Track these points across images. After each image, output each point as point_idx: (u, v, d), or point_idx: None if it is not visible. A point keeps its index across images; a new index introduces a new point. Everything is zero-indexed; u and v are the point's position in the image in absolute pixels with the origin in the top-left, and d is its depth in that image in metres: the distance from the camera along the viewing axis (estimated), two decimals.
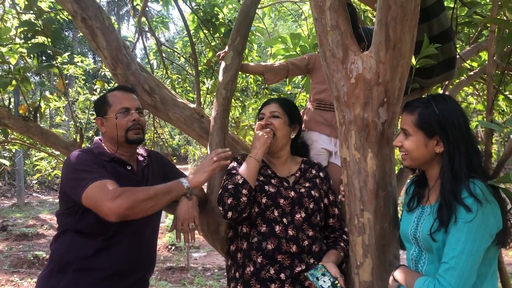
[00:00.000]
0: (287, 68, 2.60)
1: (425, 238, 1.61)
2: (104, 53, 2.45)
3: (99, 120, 2.08)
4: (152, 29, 4.69)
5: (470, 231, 1.47)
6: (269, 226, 2.05)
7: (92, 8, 2.41)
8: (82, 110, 5.97)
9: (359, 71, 1.77)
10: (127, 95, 2.11)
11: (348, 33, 1.81)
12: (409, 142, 1.66)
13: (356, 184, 1.86)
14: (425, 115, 1.61)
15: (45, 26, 2.29)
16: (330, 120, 2.47)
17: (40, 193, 15.55)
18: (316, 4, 1.82)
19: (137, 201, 1.78)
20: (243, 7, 2.53)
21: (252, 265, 2.04)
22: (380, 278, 1.86)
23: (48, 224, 10.21)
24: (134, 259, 1.95)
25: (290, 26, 16.64)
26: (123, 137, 2.03)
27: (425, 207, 1.69)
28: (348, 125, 1.84)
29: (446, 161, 1.57)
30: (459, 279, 1.46)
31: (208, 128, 2.54)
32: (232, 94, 2.46)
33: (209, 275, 6.76)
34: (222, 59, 2.50)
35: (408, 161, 1.71)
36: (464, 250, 1.46)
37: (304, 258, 2.04)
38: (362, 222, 1.86)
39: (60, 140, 2.44)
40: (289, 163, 2.26)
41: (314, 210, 2.11)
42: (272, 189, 2.10)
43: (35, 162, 4.90)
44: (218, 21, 3.66)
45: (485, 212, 1.47)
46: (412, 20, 1.69)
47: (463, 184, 1.51)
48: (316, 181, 2.21)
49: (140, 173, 2.09)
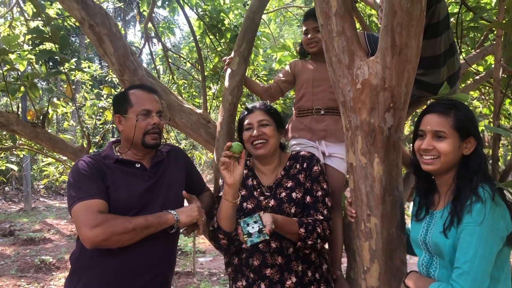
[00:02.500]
0: (280, 88, 2.61)
1: (435, 243, 1.61)
2: (111, 60, 2.47)
3: (117, 117, 2.05)
4: (158, 34, 4.73)
5: (481, 235, 1.46)
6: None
7: (99, 15, 2.43)
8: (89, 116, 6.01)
9: (365, 76, 1.77)
10: (150, 96, 2.07)
11: (354, 39, 1.81)
12: (445, 145, 1.62)
13: (362, 189, 1.86)
14: (460, 117, 1.61)
15: (53, 33, 2.31)
16: (308, 124, 2.45)
17: (47, 198, 15.62)
18: (322, 10, 1.83)
19: (114, 233, 1.79)
20: (248, 13, 2.55)
21: (245, 280, 2.05)
22: (387, 284, 1.86)
23: (55, 229, 10.25)
24: (148, 258, 1.94)
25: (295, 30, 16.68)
26: (140, 139, 2.01)
27: (434, 213, 1.68)
28: (354, 130, 1.84)
29: (477, 160, 1.60)
30: (473, 283, 1.45)
31: (214, 133, 2.55)
32: (238, 100, 2.47)
33: (215, 280, 6.76)
34: (228, 65, 2.51)
35: (438, 165, 1.65)
36: (477, 254, 1.46)
37: (293, 267, 2.01)
38: (369, 227, 1.86)
39: (68, 145, 2.46)
40: (278, 168, 2.19)
41: (296, 213, 2.05)
42: (250, 205, 2.07)
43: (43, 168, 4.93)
44: (224, 27, 3.68)
45: (495, 215, 1.47)
46: (418, 25, 1.69)
47: (478, 185, 1.53)
48: (299, 177, 2.13)
49: (153, 169, 2.07)
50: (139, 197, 1.97)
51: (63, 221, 11.26)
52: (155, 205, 1.99)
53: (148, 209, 1.97)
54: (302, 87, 2.50)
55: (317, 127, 2.42)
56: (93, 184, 1.89)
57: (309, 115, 2.45)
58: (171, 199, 2.05)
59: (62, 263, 7.45)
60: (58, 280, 6.61)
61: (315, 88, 2.45)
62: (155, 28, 4.71)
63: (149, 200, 1.99)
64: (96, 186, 1.89)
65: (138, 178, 2.01)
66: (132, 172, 2.02)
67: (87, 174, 1.92)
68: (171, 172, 2.12)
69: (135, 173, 2.03)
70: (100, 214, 1.81)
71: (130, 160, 2.05)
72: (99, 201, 1.85)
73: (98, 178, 1.92)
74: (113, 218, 1.83)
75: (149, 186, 2.01)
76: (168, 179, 2.08)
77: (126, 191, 1.94)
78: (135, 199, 1.95)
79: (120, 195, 1.93)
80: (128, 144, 2.06)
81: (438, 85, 2.29)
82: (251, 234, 1.80)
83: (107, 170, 1.97)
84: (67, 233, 9.94)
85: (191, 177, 2.24)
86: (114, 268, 1.92)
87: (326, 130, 2.40)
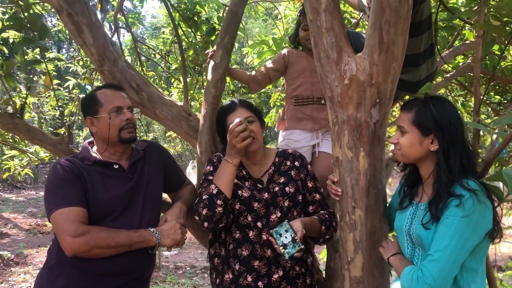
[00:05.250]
0: (268, 76, 2.63)
1: (418, 235, 1.67)
2: (90, 50, 2.41)
3: (88, 119, 2.04)
4: (129, 25, 4.63)
5: (458, 228, 1.53)
6: (243, 232, 2.04)
7: (78, 3, 2.36)
8: (53, 107, 5.82)
9: (353, 72, 1.82)
10: (118, 93, 2.08)
11: (342, 35, 1.86)
12: (404, 139, 1.72)
13: (348, 182, 1.91)
14: (422, 114, 1.68)
15: (32, 21, 2.23)
16: (310, 113, 2.50)
17: (3, 191, 15.04)
18: (312, 6, 1.86)
19: (96, 246, 1.80)
20: (231, 6, 2.54)
21: (231, 272, 2.04)
22: (370, 274, 1.92)
23: (12, 223, 9.91)
24: (129, 258, 1.94)
25: (260, 24, 16.68)
26: (116, 136, 2.00)
27: (420, 205, 1.75)
28: (341, 124, 1.89)
29: (441, 158, 1.63)
30: (440, 270, 1.53)
31: (195, 126, 2.54)
32: (221, 93, 2.47)
33: (181, 273, 6.75)
34: (211, 58, 2.50)
35: (400, 157, 1.77)
36: (449, 245, 1.53)
37: (282, 262, 2.03)
38: (354, 219, 1.91)
39: (47, 137, 2.38)
40: (263, 160, 2.20)
41: (289, 207, 2.09)
42: (245, 194, 2.07)
43: (4, 162, 4.74)
44: (200, 20, 3.65)
45: (476, 212, 1.53)
46: (405, 23, 1.75)
47: (457, 182, 1.58)
48: (291, 173, 2.17)
49: (131, 169, 2.06)
50: (120, 201, 1.96)
51: (21, 215, 10.90)
52: (136, 208, 2.00)
53: (128, 212, 1.98)
54: (299, 76, 2.52)
55: (319, 115, 2.47)
56: (71, 190, 1.87)
57: (309, 104, 2.48)
58: (149, 199, 2.05)
59: (21, 258, 7.22)
60: (18, 276, 6.40)
61: (313, 78, 2.48)
62: (126, 19, 4.61)
63: (129, 202, 1.99)
64: (75, 193, 1.87)
65: (117, 180, 2.00)
66: (111, 174, 2.01)
67: (65, 179, 1.89)
68: (149, 171, 2.11)
69: (114, 175, 2.01)
70: (81, 224, 1.80)
71: (108, 162, 2.03)
72: (78, 209, 1.83)
73: (76, 183, 1.90)
74: (96, 231, 1.82)
75: (129, 189, 2.00)
76: (146, 178, 2.08)
77: (106, 195, 1.93)
78: (115, 202, 1.95)
79: (100, 199, 1.91)
80: (104, 144, 2.04)
81: (413, 83, 2.36)
82: (286, 245, 1.84)
83: (85, 173, 1.94)
84: (26, 227, 9.63)
85: (170, 173, 2.23)
86: (97, 268, 1.90)
87: (327, 119, 2.45)
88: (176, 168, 2.29)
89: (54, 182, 1.90)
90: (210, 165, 2.15)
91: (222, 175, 1.98)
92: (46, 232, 9.21)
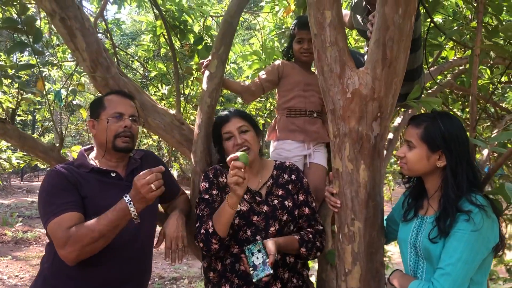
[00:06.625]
0: (262, 86, 2.64)
1: (426, 247, 1.70)
2: (83, 55, 2.36)
3: (90, 122, 2.02)
4: (109, 31, 4.56)
5: (469, 242, 1.57)
6: (241, 246, 2.00)
7: (72, 8, 2.31)
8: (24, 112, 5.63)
9: (356, 86, 1.85)
10: (124, 100, 2.07)
11: (345, 50, 1.89)
12: (412, 154, 1.76)
13: (348, 194, 1.93)
14: (430, 130, 1.72)
15: (28, 24, 2.17)
16: (302, 126, 2.52)
17: None
18: (316, 20, 1.89)
19: (84, 246, 1.73)
20: (226, 17, 2.55)
21: (229, 285, 2.02)
22: (367, 285, 1.94)
23: None
24: (127, 268, 1.89)
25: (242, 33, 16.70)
26: (110, 142, 1.97)
27: (425, 218, 1.79)
28: (342, 137, 1.91)
29: (449, 175, 1.67)
30: (452, 284, 1.56)
31: (188, 135, 2.52)
32: (217, 102, 2.47)
33: (149, 284, 6.60)
34: (206, 68, 2.50)
35: (406, 171, 1.81)
36: (461, 259, 1.56)
37: (279, 274, 2.03)
38: (353, 230, 1.93)
39: (38, 144, 2.31)
40: (261, 171, 2.20)
41: (287, 221, 2.09)
42: (244, 208, 2.06)
43: None
44: (186, 29, 3.64)
45: (485, 226, 1.58)
46: (407, 40, 1.80)
47: (465, 197, 1.62)
48: (289, 187, 2.16)
49: (128, 177, 2.02)
50: None
51: None
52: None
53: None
54: (293, 89, 2.54)
55: (311, 128, 2.49)
56: (66, 196, 1.82)
57: (302, 116, 2.51)
58: (147, 208, 1.98)
59: None
60: None
61: (306, 92, 2.52)
62: (106, 25, 4.54)
63: None
64: (70, 198, 1.82)
65: (115, 188, 1.96)
66: (108, 182, 1.97)
67: (59, 187, 1.85)
68: None
69: (112, 183, 1.98)
70: (66, 230, 1.74)
71: (105, 169, 1.99)
72: (71, 214, 1.78)
73: (72, 189, 1.85)
74: (75, 231, 1.75)
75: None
76: None
77: (104, 202, 1.87)
78: None
79: (99, 206, 1.85)
80: (102, 149, 2.01)
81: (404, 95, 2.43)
82: (256, 266, 1.81)
83: (82, 180, 1.90)
84: None
85: (165, 182, 2.19)
86: (94, 279, 1.85)
87: (318, 132, 2.49)
88: (171, 178, 2.27)
89: (48, 191, 1.85)
90: (206, 181, 2.13)
91: (221, 217, 1.93)
92: (6, 241, 8.88)
